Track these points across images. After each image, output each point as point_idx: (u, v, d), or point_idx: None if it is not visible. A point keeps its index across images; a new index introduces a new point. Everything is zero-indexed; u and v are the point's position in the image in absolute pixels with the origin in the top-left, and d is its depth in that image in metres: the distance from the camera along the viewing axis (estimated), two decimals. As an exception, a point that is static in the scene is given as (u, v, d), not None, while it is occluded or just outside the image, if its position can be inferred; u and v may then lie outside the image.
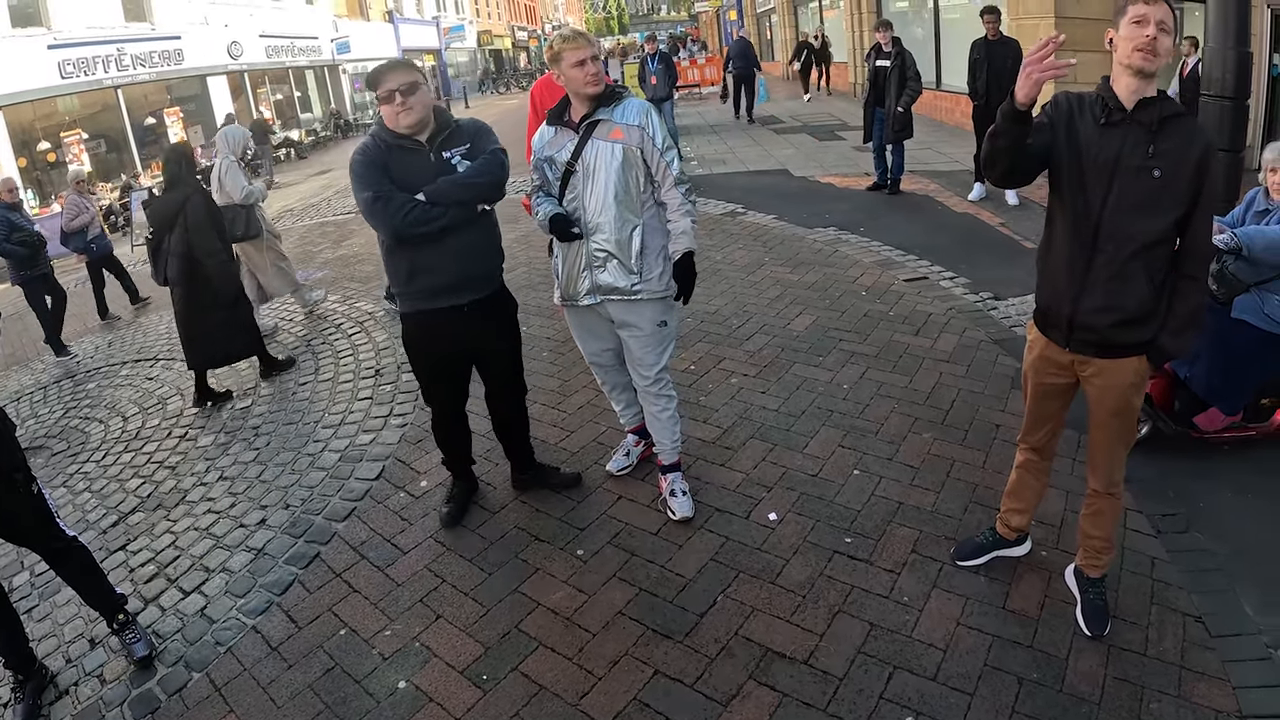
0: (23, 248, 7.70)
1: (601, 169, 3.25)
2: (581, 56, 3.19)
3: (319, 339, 6.60)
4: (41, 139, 16.49)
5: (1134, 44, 2.30)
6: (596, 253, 3.31)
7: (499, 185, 3.35)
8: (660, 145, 3.28)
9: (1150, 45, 2.27)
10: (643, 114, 3.29)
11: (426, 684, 2.87)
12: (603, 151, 3.25)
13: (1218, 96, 4.59)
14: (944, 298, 5.87)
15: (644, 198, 3.33)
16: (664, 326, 3.48)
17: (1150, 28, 2.27)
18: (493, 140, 3.37)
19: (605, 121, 3.27)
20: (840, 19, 20.56)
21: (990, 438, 4.00)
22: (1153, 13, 2.27)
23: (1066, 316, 2.57)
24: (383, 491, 4.12)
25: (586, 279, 3.37)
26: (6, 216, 7.72)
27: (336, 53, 28.55)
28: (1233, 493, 3.55)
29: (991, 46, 8.22)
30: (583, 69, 3.20)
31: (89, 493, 4.80)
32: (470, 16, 45.30)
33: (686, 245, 3.31)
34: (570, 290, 3.45)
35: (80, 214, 8.97)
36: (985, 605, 2.95)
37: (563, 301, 3.54)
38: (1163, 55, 2.30)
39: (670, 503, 3.66)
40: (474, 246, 3.37)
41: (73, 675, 3.26)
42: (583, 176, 3.29)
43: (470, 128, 3.40)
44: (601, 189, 3.25)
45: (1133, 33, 2.31)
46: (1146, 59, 2.29)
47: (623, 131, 3.25)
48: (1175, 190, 2.35)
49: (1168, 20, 2.28)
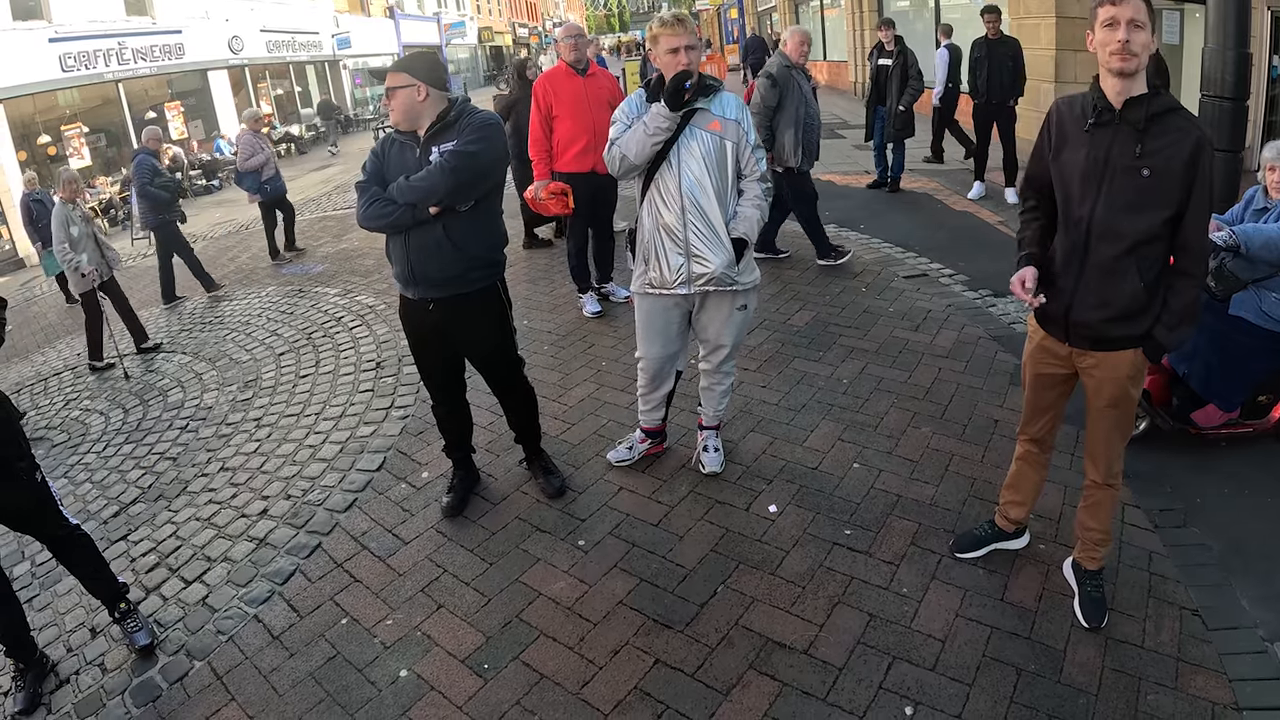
0: (164, 191, 8.31)
1: (697, 159, 3.27)
2: (676, 44, 3.21)
3: (320, 332, 6.61)
4: (42, 132, 16.45)
5: (1108, 47, 2.30)
6: (695, 242, 3.31)
7: (435, 192, 3.19)
8: (752, 142, 3.35)
9: (1123, 47, 2.27)
10: (740, 109, 3.34)
11: (428, 673, 2.88)
12: (702, 141, 3.27)
13: (1217, 97, 4.60)
14: (943, 294, 5.88)
15: (733, 190, 3.37)
16: (744, 310, 3.55)
17: (1121, 30, 2.26)
18: (471, 140, 3.22)
19: (703, 111, 3.29)
20: (841, 18, 20.56)
21: (989, 432, 4.02)
22: (1121, 13, 2.25)
23: (1063, 313, 2.60)
24: (384, 483, 4.13)
25: (683, 269, 3.35)
26: (150, 162, 8.39)
27: (337, 48, 28.50)
28: (1230, 488, 3.57)
29: (992, 45, 8.23)
30: (675, 56, 3.21)
31: (90, 484, 4.82)
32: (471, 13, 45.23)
33: (744, 232, 3.35)
34: (662, 279, 3.41)
35: (255, 154, 9.24)
36: (984, 597, 2.97)
37: (650, 290, 3.49)
38: (1139, 52, 2.28)
39: (703, 457, 3.86)
40: (423, 246, 3.31)
41: (74, 664, 3.27)
42: (675, 164, 3.29)
43: (465, 124, 3.27)
44: (697, 179, 3.27)
45: (1105, 36, 2.31)
46: (1124, 60, 2.28)
47: (721, 124, 3.29)
48: (1166, 188, 2.34)
49: (1140, 15, 2.26)
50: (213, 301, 8.33)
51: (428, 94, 3.24)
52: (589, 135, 5.40)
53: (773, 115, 6.12)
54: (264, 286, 8.28)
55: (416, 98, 3.23)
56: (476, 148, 3.21)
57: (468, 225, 3.33)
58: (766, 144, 6.09)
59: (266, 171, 9.28)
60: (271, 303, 7.74)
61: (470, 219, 3.34)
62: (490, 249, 3.47)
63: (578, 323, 5.96)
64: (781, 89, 6.09)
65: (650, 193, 3.37)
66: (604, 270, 6.25)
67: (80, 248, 6.83)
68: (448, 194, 3.21)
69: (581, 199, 5.23)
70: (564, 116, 5.47)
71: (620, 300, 6.13)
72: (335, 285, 7.97)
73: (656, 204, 3.35)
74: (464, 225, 3.32)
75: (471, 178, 3.23)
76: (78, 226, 6.87)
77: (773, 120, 6.13)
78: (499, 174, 3.45)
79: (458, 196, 3.25)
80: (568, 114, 5.46)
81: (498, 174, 3.44)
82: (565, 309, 6.26)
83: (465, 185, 3.23)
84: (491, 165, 3.34)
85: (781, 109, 6.09)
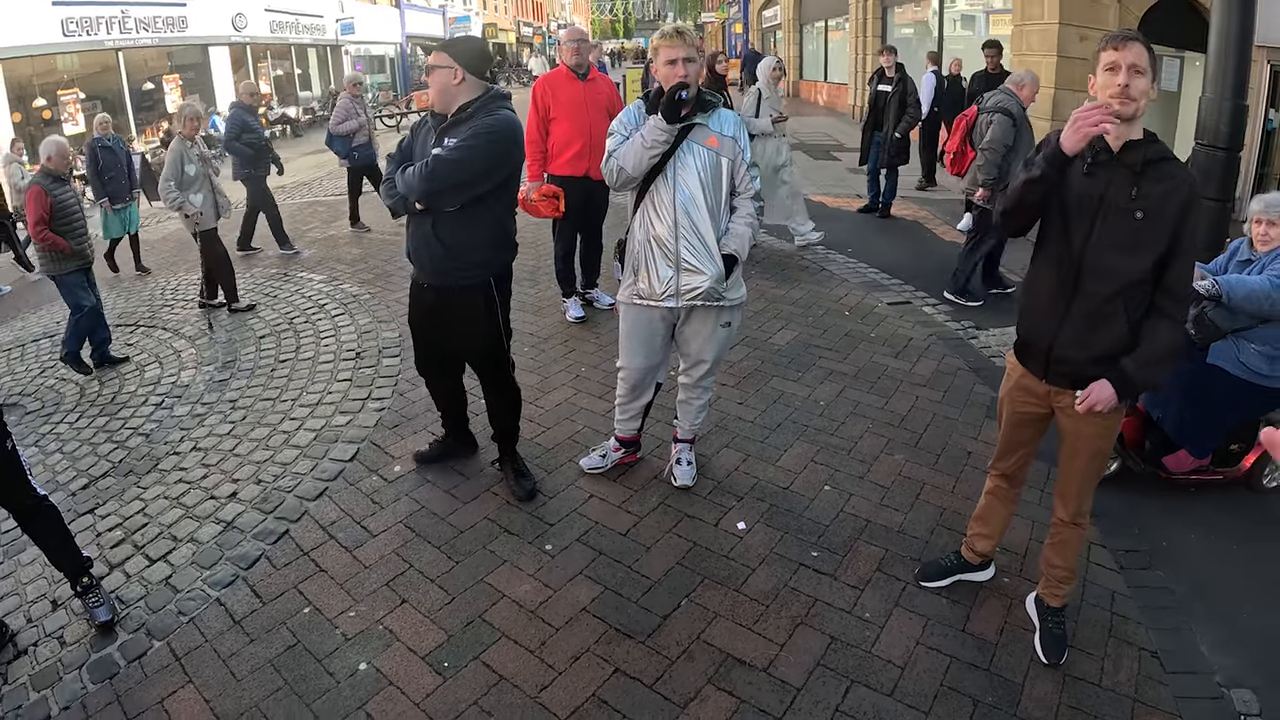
0: (249, 149, 8.26)
1: (692, 173, 3.28)
2: (674, 56, 3.21)
3: (302, 318, 6.58)
4: (39, 95, 16.30)
5: (1108, 91, 2.34)
6: (685, 255, 3.32)
7: (411, 192, 3.30)
8: (748, 160, 3.37)
9: (1123, 92, 2.31)
10: (737, 127, 3.36)
11: (387, 667, 2.86)
12: (698, 156, 3.29)
13: (1210, 146, 4.68)
14: (925, 323, 5.93)
15: (726, 207, 3.39)
16: (728, 327, 3.57)
17: (1121, 74, 2.30)
18: (463, 143, 3.24)
19: (701, 127, 3.31)
20: (845, 40, 20.71)
21: (961, 463, 4.05)
22: (1123, 58, 2.30)
23: (1045, 350, 2.62)
24: (356, 474, 4.11)
25: (672, 281, 3.36)
26: (242, 117, 8.32)
27: (341, 33, 28.40)
28: (1197, 533, 3.63)
29: (991, 80, 8.35)
30: (673, 68, 3.21)
31: (60, 454, 4.77)
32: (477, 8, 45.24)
33: (736, 249, 3.37)
34: (650, 290, 3.42)
35: (349, 118, 9.16)
36: (945, 626, 2.99)
37: (637, 300, 3.50)
38: (1138, 98, 2.33)
39: (675, 470, 3.86)
40: (419, 234, 3.46)
41: (33, 635, 3.23)
42: (670, 178, 3.30)
43: (472, 123, 3.28)
44: (690, 192, 3.28)
45: (1106, 80, 2.35)
46: (1122, 104, 2.32)
47: (718, 140, 3.30)
48: (1157, 232, 2.39)
49: (1140, 61, 2.31)
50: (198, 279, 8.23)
51: (464, 79, 3.30)
52: (585, 139, 5.41)
53: (1007, 154, 6.09)
54: (249, 269, 8.21)
55: (452, 80, 3.29)
56: (461, 154, 3.22)
57: (454, 224, 3.37)
58: (993, 182, 6.02)
59: (359, 138, 9.23)
60: (255, 285, 7.68)
61: (457, 218, 3.37)
62: (478, 249, 3.47)
63: (560, 326, 5.96)
64: (1019, 129, 6.11)
65: (644, 204, 3.38)
66: (590, 276, 6.26)
67: (194, 188, 6.72)
68: (423, 197, 3.29)
69: (573, 203, 5.24)
70: (561, 119, 5.48)
71: (604, 307, 6.14)
72: (321, 272, 7.93)
73: (649, 215, 3.35)
74: (451, 224, 3.37)
75: (452, 185, 3.26)
76: (194, 165, 6.76)
77: (1005, 159, 6.09)
78: (495, 178, 3.39)
79: (437, 200, 3.31)
80: (565, 116, 5.47)
81: (493, 178, 3.38)
82: (549, 311, 6.26)
83: (445, 191, 3.28)
84: (483, 171, 3.31)
85: (1016, 150, 6.11)
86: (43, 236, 5.69)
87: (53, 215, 5.71)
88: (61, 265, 5.90)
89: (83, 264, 6.02)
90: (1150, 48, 2.34)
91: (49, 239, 5.72)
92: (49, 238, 5.71)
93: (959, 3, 14.99)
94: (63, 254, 5.85)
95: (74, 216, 5.91)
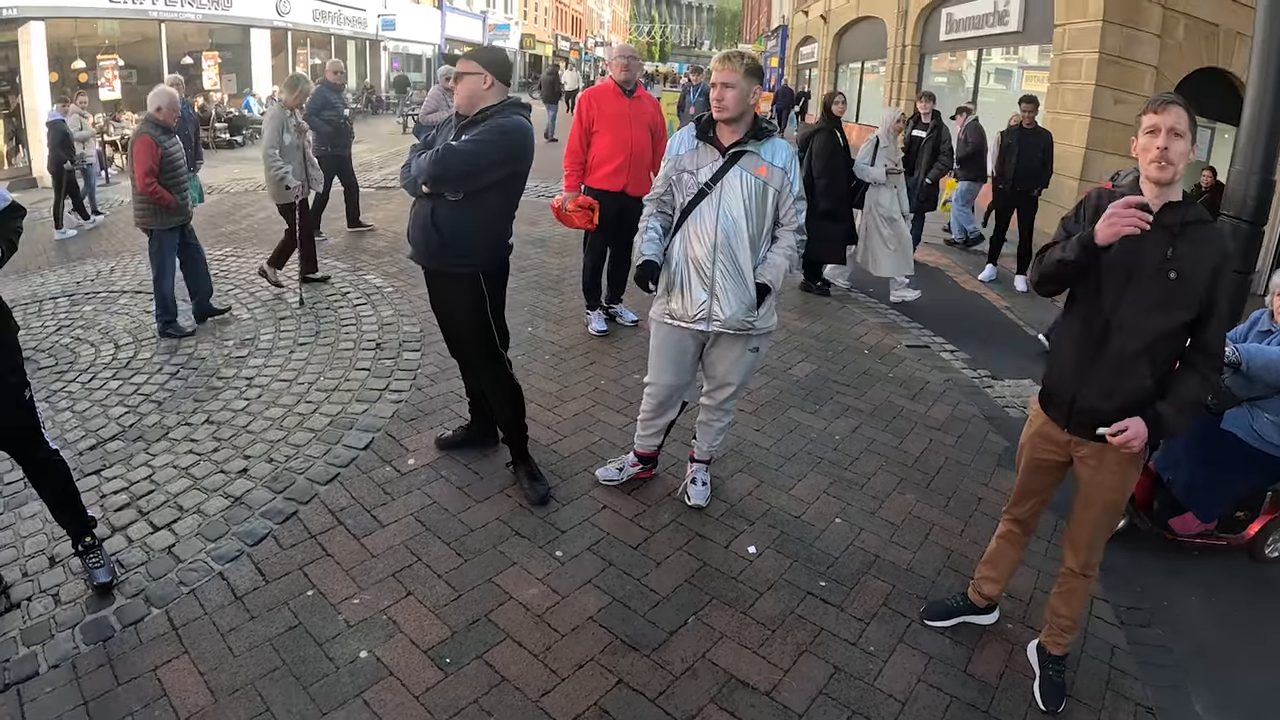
0: (328, 125, 8.32)
1: (738, 200, 3.30)
2: (715, 79, 3.25)
3: (323, 304, 6.61)
4: (78, 58, 16.43)
5: (1148, 155, 2.39)
6: (720, 281, 3.34)
7: (421, 173, 3.43)
8: (795, 192, 3.38)
9: (1161, 155, 2.36)
10: (789, 158, 3.37)
11: (388, 657, 2.86)
12: (745, 183, 3.30)
13: (1235, 218, 4.71)
14: (943, 369, 5.94)
15: (767, 237, 3.40)
16: (756, 352, 3.58)
17: (1161, 137, 2.35)
18: (474, 138, 3.39)
19: (752, 154, 3.32)
20: (879, 84, 20.87)
21: (971, 508, 4.05)
22: (1162, 121, 2.35)
23: (1068, 399, 2.65)
24: (369, 463, 4.12)
25: (705, 305, 3.37)
26: (325, 95, 8.40)
27: (382, 28, 28.64)
28: (1198, 595, 3.64)
29: (1025, 134, 8.38)
30: (713, 90, 3.26)
31: (70, 413, 4.77)
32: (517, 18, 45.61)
33: (770, 279, 3.38)
34: (682, 311, 3.44)
35: (438, 109, 9.19)
36: (947, 666, 2.99)
37: (668, 320, 3.52)
38: (1176, 161, 2.37)
39: (690, 489, 3.87)
40: (416, 216, 3.61)
41: (28, 590, 3.22)
42: (715, 201, 3.31)
43: (486, 123, 3.44)
44: (734, 219, 3.30)
45: (1146, 143, 2.41)
46: (1160, 169, 2.37)
47: (768, 170, 3.31)
48: (1190, 292, 2.42)
49: (1180, 125, 2.35)
50: (225, 255, 8.27)
51: (492, 84, 3.48)
52: (625, 154, 5.45)
53: None
54: (273, 249, 8.24)
55: (481, 85, 3.46)
56: (472, 147, 3.38)
57: (451, 213, 3.51)
58: None
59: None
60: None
61: (455, 209, 3.50)
62: (468, 242, 3.58)
63: (582, 338, 5.97)
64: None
65: (686, 224, 3.40)
66: (615, 291, 6.28)
67: (287, 158, 6.75)
68: (431, 180, 3.43)
69: (607, 217, 5.25)
70: (604, 132, 5.51)
71: (627, 324, 6.16)
72: (346, 260, 7.97)
73: (689, 236, 3.38)
74: (447, 212, 3.51)
75: (458, 173, 3.40)
76: (290, 135, 6.79)
77: None
78: (499, 173, 3.49)
79: (442, 185, 3.45)
80: (608, 130, 5.51)
81: (497, 173, 3.48)
82: (572, 322, 6.28)
83: (448, 178, 3.42)
84: (485, 167, 3.43)
85: None
86: (151, 189, 5.69)
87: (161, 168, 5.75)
88: (162, 219, 5.91)
89: (181, 220, 6.05)
90: (1190, 111, 2.38)
91: (158, 192, 5.72)
92: (158, 190, 5.72)
93: (994, 56, 15.11)
94: (165, 208, 5.85)
95: (179, 171, 5.95)
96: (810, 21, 28.99)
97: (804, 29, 30.84)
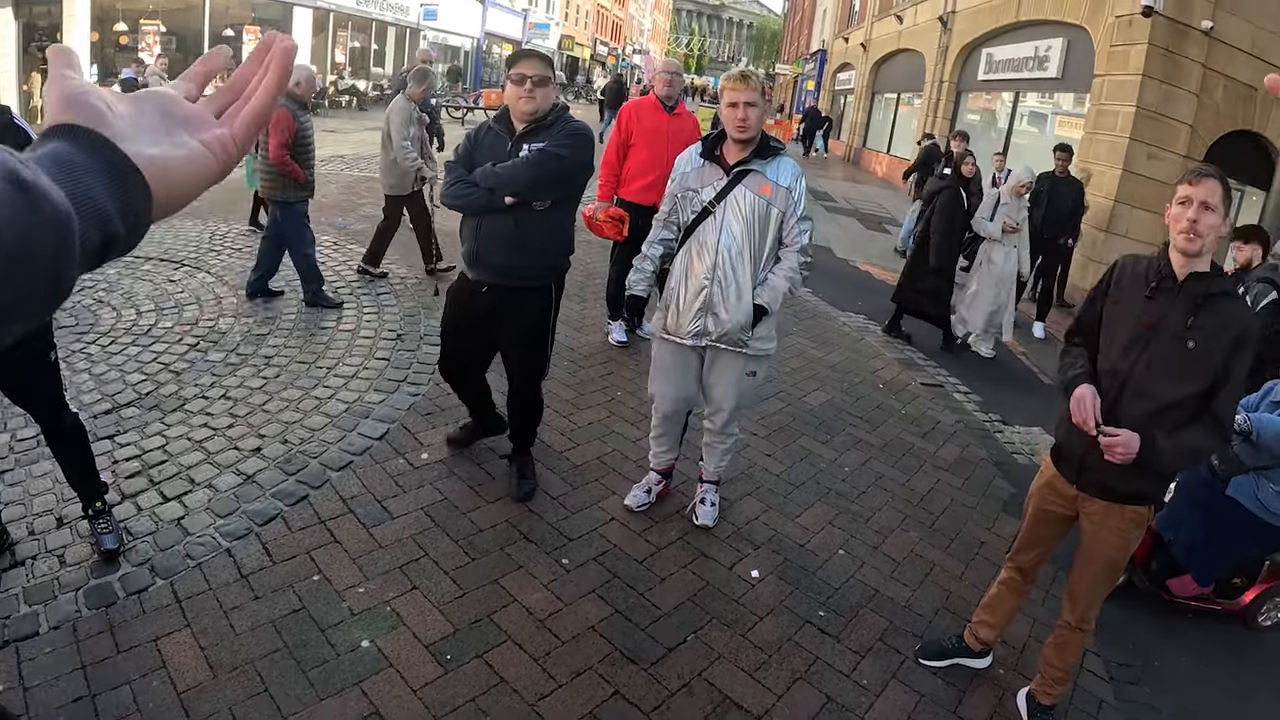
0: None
1: (740, 219, 3.31)
2: (735, 99, 3.24)
3: (346, 289, 6.65)
4: (121, 20, 16.59)
5: (1178, 225, 2.42)
6: (717, 299, 3.36)
7: (516, 182, 3.36)
8: (800, 213, 3.36)
9: (1190, 227, 2.38)
10: (795, 178, 3.36)
11: (390, 649, 2.89)
12: (748, 202, 3.31)
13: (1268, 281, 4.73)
14: (955, 409, 5.96)
15: (770, 257, 3.41)
16: (753, 376, 3.59)
17: (1192, 209, 2.38)
18: (561, 144, 3.39)
19: (757, 174, 3.32)
20: (913, 116, 20.90)
21: (974, 552, 4.07)
22: (1195, 193, 2.37)
23: (1079, 456, 2.69)
24: (383, 453, 4.15)
25: (700, 321, 3.40)
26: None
27: (423, 18, 28.79)
28: (1188, 657, 3.68)
29: (1056, 182, 8.41)
30: (734, 111, 3.25)
31: (88, 374, 4.77)
32: (558, 18, 45.82)
33: (767, 300, 3.38)
34: (677, 326, 3.47)
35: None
36: (937, 706, 3.01)
37: (666, 334, 3.56)
38: (1205, 234, 2.39)
39: (698, 509, 3.86)
40: (493, 234, 3.49)
41: (33, 548, 3.21)
42: (718, 220, 3.33)
43: (559, 129, 3.43)
44: (735, 238, 3.31)
45: (1178, 213, 2.43)
46: (1189, 240, 2.40)
47: (771, 189, 3.31)
48: (1205, 363, 2.45)
49: (1212, 198, 2.37)
50: (250, 232, 8.32)
51: (555, 92, 3.49)
52: (660, 170, 5.47)
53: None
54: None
55: (554, 93, 3.46)
56: (565, 152, 3.37)
57: (539, 223, 3.47)
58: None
59: None
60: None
61: (542, 218, 3.48)
62: (553, 251, 3.60)
63: (601, 347, 6.01)
64: None
65: (690, 240, 3.44)
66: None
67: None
68: (526, 187, 3.36)
69: (636, 229, 5.30)
70: (641, 146, 5.57)
71: (647, 336, 6.17)
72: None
73: (691, 252, 3.42)
74: (535, 222, 3.46)
75: (552, 178, 3.39)
76: (415, 128, 6.85)
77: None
78: (580, 181, 3.55)
79: (535, 192, 3.40)
80: (645, 145, 5.56)
81: (578, 181, 3.54)
82: (592, 330, 6.32)
83: (545, 184, 3.39)
84: (575, 170, 3.46)
85: None
86: (284, 161, 5.78)
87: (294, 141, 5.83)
88: (293, 192, 6.01)
89: (309, 194, 6.15)
90: (1226, 183, 2.41)
91: (290, 165, 5.81)
92: (290, 163, 5.81)
93: (1029, 99, 15.13)
94: (295, 182, 5.94)
95: (309, 146, 6.05)
96: (850, 48, 29.03)
97: (843, 55, 30.87)
